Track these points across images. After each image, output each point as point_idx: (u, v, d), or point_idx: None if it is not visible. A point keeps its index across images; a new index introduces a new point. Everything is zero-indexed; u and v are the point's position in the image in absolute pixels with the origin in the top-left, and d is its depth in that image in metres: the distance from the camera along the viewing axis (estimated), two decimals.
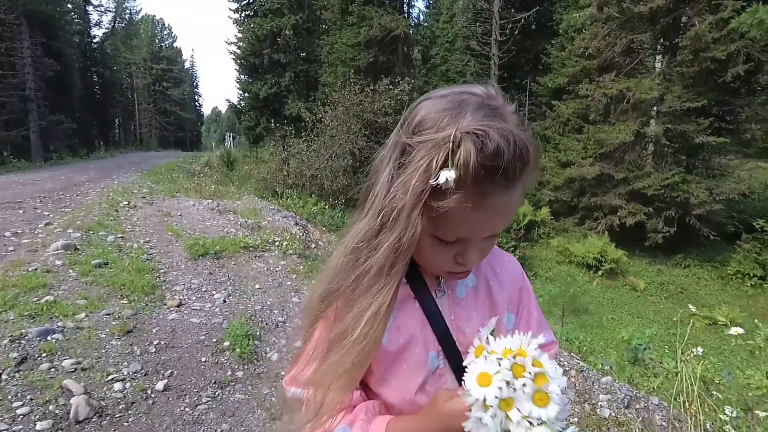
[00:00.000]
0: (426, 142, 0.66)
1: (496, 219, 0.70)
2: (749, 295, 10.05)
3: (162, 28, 54.12)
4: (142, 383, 2.86)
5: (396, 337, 0.81)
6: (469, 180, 0.63)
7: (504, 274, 0.94)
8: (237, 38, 25.23)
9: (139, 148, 38.39)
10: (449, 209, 0.65)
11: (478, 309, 0.87)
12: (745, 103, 12.12)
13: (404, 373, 0.81)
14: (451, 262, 0.75)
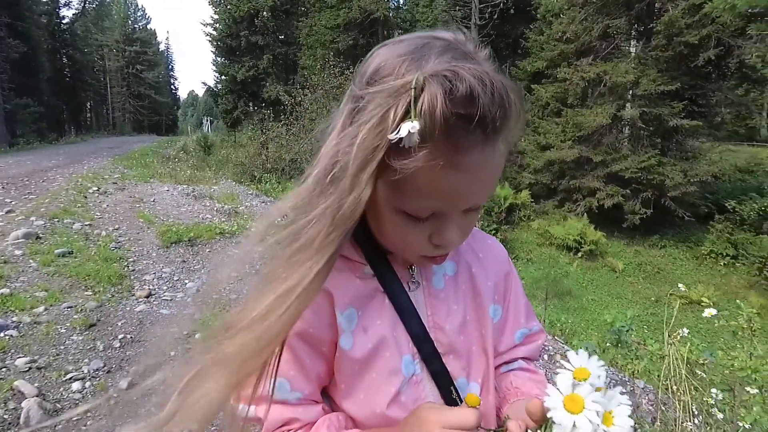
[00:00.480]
0: (381, 91, 0.53)
1: (476, 184, 0.56)
2: (722, 274, 10.29)
3: (135, 9, 52.59)
4: (103, 382, 2.70)
5: (363, 342, 0.67)
6: (437, 131, 0.50)
7: (489, 259, 0.80)
8: (213, 19, 24.63)
9: (112, 133, 37.42)
10: (416, 171, 0.52)
11: (459, 301, 0.74)
12: (716, 88, 12.32)
13: (374, 383, 0.67)
14: (426, 243, 0.61)
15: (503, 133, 0.55)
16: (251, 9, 22.49)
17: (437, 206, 0.57)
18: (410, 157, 0.52)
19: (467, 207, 0.60)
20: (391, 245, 0.67)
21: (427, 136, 0.50)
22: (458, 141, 0.52)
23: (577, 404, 0.53)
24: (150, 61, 51.71)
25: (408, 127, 0.49)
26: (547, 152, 13.11)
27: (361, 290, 0.69)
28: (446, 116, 0.49)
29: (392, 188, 0.56)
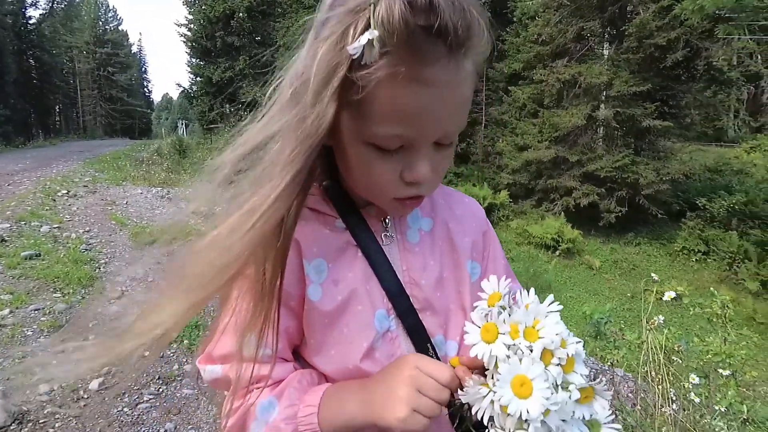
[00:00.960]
0: (342, 11, 0.52)
1: (442, 105, 0.54)
2: (695, 270, 10.54)
3: (106, 10, 51.53)
4: (73, 384, 2.61)
5: (333, 294, 0.64)
6: (396, 39, 0.48)
7: (466, 216, 0.78)
8: (188, 20, 24.24)
9: (82, 137, 36.50)
10: (380, 85, 0.51)
11: (436, 256, 0.71)
12: (686, 89, 12.63)
13: (345, 337, 0.64)
14: (398, 182, 0.59)
15: (468, 50, 0.53)
16: (227, 10, 22.23)
17: (405, 132, 0.55)
18: (372, 67, 0.50)
19: (437, 136, 0.57)
20: (361, 187, 0.64)
21: (387, 44, 0.49)
22: (419, 50, 0.50)
23: (491, 332, 0.51)
24: (122, 63, 50.73)
25: (367, 36, 0.48)
26: (525, 153, 13.26)
27: (331, 242, 0.66)
28: (405, 23, 0.48)
29: (358, 115, 0.54)
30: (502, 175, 14.06)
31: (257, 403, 0.62)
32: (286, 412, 0.60)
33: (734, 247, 10.22)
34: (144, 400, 2.59)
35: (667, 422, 1.99)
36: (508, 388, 0.48)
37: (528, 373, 0.48)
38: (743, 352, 2.23)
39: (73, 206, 7.03)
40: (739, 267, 9.90)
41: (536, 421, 0.47)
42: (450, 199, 0.79)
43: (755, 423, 3.05)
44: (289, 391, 0.62)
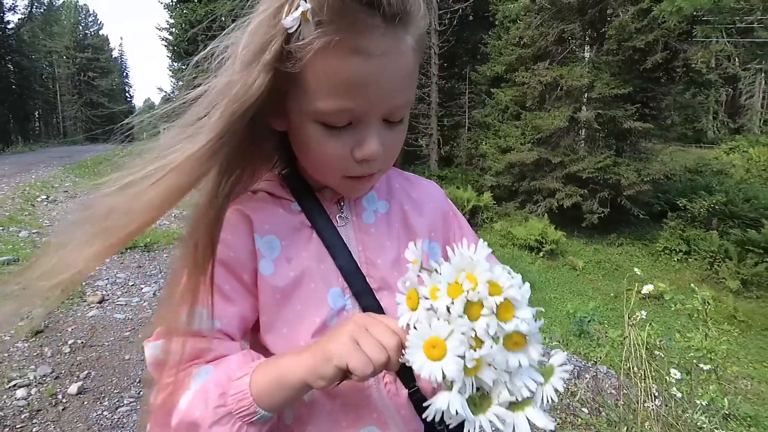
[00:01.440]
0: None
1: (385, 77, 0.54)
2: (676, 269, 10.67)
3: (86, 15, 50.91)
4: (51, 388, 2.55)
5: (285, 270, 0.63)
6: (327, 8, 0.49)
7: (422, 197, 0.78)
8: (169, 24, 24.06)
9: (63, 142, 35.94)
10: (317, 57, 0.51)
11: (393, 237, 0.71)
12: (665, 91, 12.80)
13: (297, 314, 0.63)
14: (349, 159, 0.59)
15: (407, 22, 0.54)
16: (209, 13, 22.09)
17: (349, 105, 0.55)
18: (307, 39, 0.51)
19: (383, 110, 0.57)
20: (314, 167, 0.64)
21: (319, 15, 0.50)
22: (354, 21, 0.50)
23: (413, 299, 0.49)
24: (103, 68, 50.19)
25: (300, 8, 0.49)
26: (508, 155, 13.33)
27: (286, 222, 0.66)
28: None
29: (301, 90, 0.55)
30: (486, 178, 14.12)
31: (193, 372, 0.57)
32: (219, 377, 0.56)
33: (715, 247, 10.36)
34: (124, 403, 2.55)
35: (650, 417, 2.00)
36: (420, 353, 0.46)
37: (439, 334, 0.45)
38: (724, 347, 2.25)
39: (52, 212, 6.92)
40: (719, 266, 10.03)
41: (459, 381, 0.44)
42: (407, 183, 0.79)
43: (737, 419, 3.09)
44: (230, 360, 0.58)
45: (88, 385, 2.67)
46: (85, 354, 2.99)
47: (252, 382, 0.54)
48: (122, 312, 3.66)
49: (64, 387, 2.61)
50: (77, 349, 3.03)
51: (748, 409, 3.41)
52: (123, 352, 3.07)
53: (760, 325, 7.79)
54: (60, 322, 3.37)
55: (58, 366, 2.82)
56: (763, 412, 3.76)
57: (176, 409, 0.55)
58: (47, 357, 2.90)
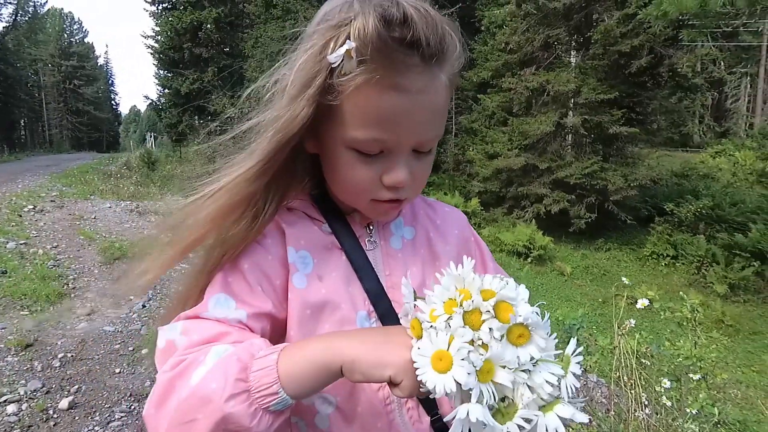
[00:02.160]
0: (324, 27, 0.57)
1: (418, 112, 0.58)
2: (664, 274, 10.75)
3: (71, 23, 50.59)
4: (42, 403, 2.51)
5: (317, 287, 0.65)
6: (371, 49, 0.53)
7: (446, 224, 0.80)
8: (154, 31, 23.93)
9: (49, 151, 35.57)
10: (357, 90, 0.55)
11: (418, 263, 0.73)
12: (651, 96, 12.92)
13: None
14: (377, 184, 0.62)
15: (442, 61, 0.58)
16: (194, 21, 22.02)
17: (383, 136, 0.58)
18: (350, 75, 0.55)
19: (414, 141, 0.61)
20: (344, 190, 0.67)
21: (364, 54, 0.54)
22: (394, 60, 0.54)
23: (416, 329, 0.49)
24: (88, 76, 49.83)
25: (345, 47, 0.53)
26: (495, 161, 13.36)
27: (318, 240, 0.69)
28: (380, 35, 0.53)
29: (338, 119, 0.59)
30: (473, 183, 14.15)
31: (211, 349, 0.53)
32: (241, 353, 0.52)
33: (702, 251, 10.43)
34: (116, 418, 2.51)
35: (641, 427, 2.01)
36: (429, 370, 0.45)
37: (441, 346, 0.45)
38: (713, 355, 2.27)
39: (39, 222, 6.83)
40: (707, 270, 10.08)
41: (475, 387, 0.43)
42: (431, 211, 0.81)
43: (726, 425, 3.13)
44: (251, 341, 0.55)
45: (79, 399, 2.64)
46: (76, 368, 2.95)
47: (280, 359, 0.50)
48: (112, 324, 3.62)
49: (55, 402, 2.57)
50: (67, 362, 3.00)
51: (736, 415, 3.45)
52: (113, 366, 3.03)
53: (748, 329, 7.88)
54: (49, 335, 3.33)
55: (49, 380, 2.78)
56: (752, 416, 3.80)
57: (185, 384, 0.50)
58: (37, 371, 2.86)
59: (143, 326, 3.62)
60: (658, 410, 2.07)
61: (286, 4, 17.50)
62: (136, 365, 3.06)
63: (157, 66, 24.61)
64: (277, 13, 18.04)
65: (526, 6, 12.76)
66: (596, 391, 2.79)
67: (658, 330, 6.45)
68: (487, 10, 15.55)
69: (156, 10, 24.42)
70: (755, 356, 6.70)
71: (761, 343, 7.37)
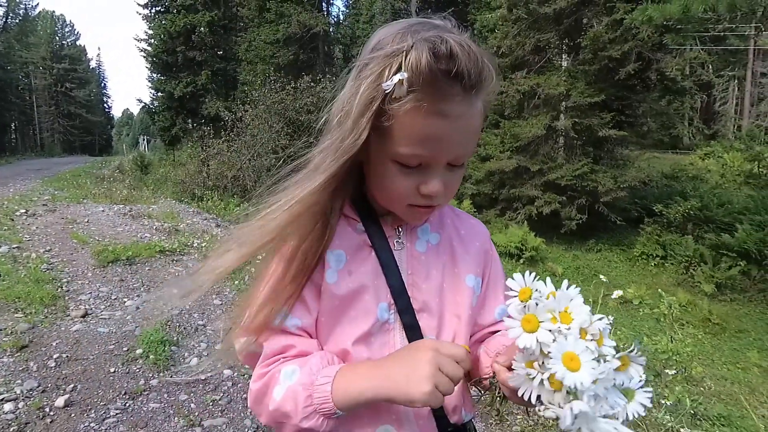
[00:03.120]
0: (380, 55, 0.66)
1: (456, 134, 0.67)
2: (653, 274, 10.88)
3: (63, 25, 50.32)
4: (38, 401, 2.57)
5: (346, 282, 0.75)
6: (422, 80, 0.62)
7: (469, 235, 0.89)
8: (147, 35, 23.90)
9: (40, 155, 35.33)
10: (406, 114, 0.64)
11: (438, 267, 0.82)
12: (641, 99, 13.09)
13: (350, 318, 0.75)
14: (414, 192, 0.71)
15: (480, 91, 0.67)
16: (187, 24, 22.03)
17: (423, 153, 0.68)
18: (401, 101, 0.63)
19: (449, 158, 0.70)
20: (384, 196, 0.76)
21: (414, 83, 0.62)
22: (440, 90, 0.63)
23: (532, 323, 0.59)
24: (80, 79, 49.57)
25: (398, 76, 0.62)
26: (488, 163, 13.48)
27: (352, 240, 0.78)
28: (430, 68, 0.61)
29: (387, 137, 0.67)
30: (467, 186, 14.24)
31: (281, 369, 0.71)
32: (305, 379, 0.68)
33: (690, 251, 10.56)
34: (110, 415, 2.57)
35: None
36: (560, 364, 0.55)
37: (575, 350, 0.55)
38: (689, 349, 2.35)
39: (32, 226, 6.83)
40: (695, 270, 10.21)
41: (589, 390, 0.54)
42: (457, 220, 0.90)
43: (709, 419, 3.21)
44: (311, 363, 0.70)
45: (75, 397, 2.69)
46: (71, 368, 3.00)
47: (333, 390, 0.66)
48: (106, 326, 3.67)
49: (51, 400, 2.62)
50: (62, 363, 3.04)
51: (720, 409, 3.54)
52: (108, 365, 3.08)
53: (734, 327, 8.01)
54: (44, 337, 3.37)
55: (44, 380, 2.82)
56: (736, 412, 3.90)
57: (271, 399, 0.70)
58: (33, 371, 2.90)
59: (137, 327, 3.67)
60: None
61: (279, 7, 17.56)
62: (131, 365, 3.11)
63: (150, 69, 24.59)
64: (270, 16, 18.10)
65: (517, 10, 12.91)
66: None
67: (638, 326, 6.56)
68: (480, 14, 15.72)
69: (149, 13, 24.42)
70: (740, 354, 6.82)
71: (746, 340, 7.50)
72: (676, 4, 6.91)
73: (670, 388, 2.29)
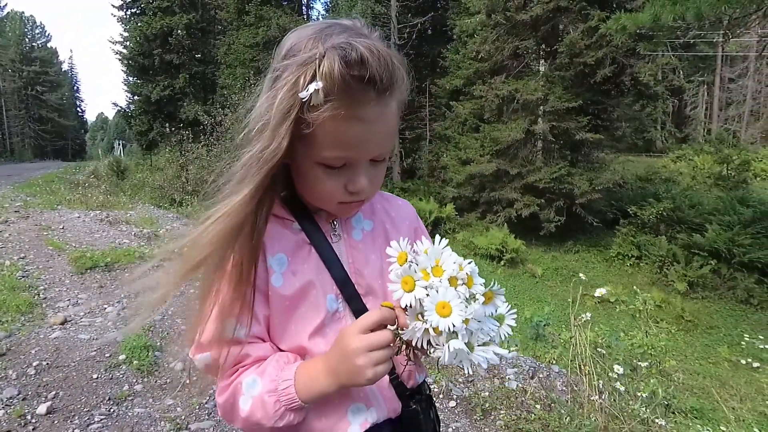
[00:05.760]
0: (293, 62, 0.67)
1: (374, 135, 0.71)
2: (629, 274, 11.14)
3: (33, 26, 49.13)
4: (19, 409, 2.53)
5: (292, 282, 0.78)
6: (336, 88, 0.64)
7: (399, 217, 0.95)
8: (123, 37, 23.54)
9: (9, 160, 34.42)
10: (325, 122, 0.66)
11: (377, 251, 0.87)
12: (615, 104, 13.44)
13: (302, 316, 0.79)
14: (342, 191, 0.75)
15: (393, 92, 0.70)
16: (164, 27, 21.78)
17: (347, 155, 0.72)
18: (318, 110, 0.66)
19: (371, 156, 0.74)
20: (314, 197, 0.80)
21: (329, 92, 0.64)
22: (355, 96, 0.66)
23: (409, 283, 0.69)
24: (52, 82, 48.44)
25: (314, 86, 0.64)
26: (468, 166, 13.63)
27: (290, 241, 0.81)
28: (343, 76, 0.63)
29: (309, 143, 0.70)
30: (448, 189, 14.38)
31: (242, 380, 0.74)
32: (268, 386, 0.73)
33: (664, 251, 10.86)
34: (95, 421, 2.55)
35: (596, 410, 2.17)
36: (434, 313, 0.64)
37: (445, 298, 0.65)
38: (662, 344, 2.44)
39: (4, 233, 6.67)
40: (668, 269, 10.52)
41: (461, 329, 0.64)
42: (386, 204, 0.96)
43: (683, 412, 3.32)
44: (269, 369, 0.75)
45: (57, 404, 2.65)
46: (52, 375, 2.95)
47: (297, 390, 0.72)
48: (86, 332, 3.61)
49: (33, 408, 2.58)
50: (42, 370, 2.99)
51: (693, 403, 3.67)
52: (90, 372, 3.04)
53: (705, 324, 8.26)
54: (22, 345, 3.31)
55: (25, 387, 2.78)
56: (708, 405, 4.04)
57: (239, 409, 0.74)
58: (12, 379, 2.85)
59: (119, 334, 3.63)
60: (612, 395, 2.23)
61: (258, 11, 17.49)
62: (114, 371, 3.08)
63: (126, 72, 24.19)
64: (249, 20, 18.01)
65: (495, 16, 13.11)
66: (557, 380, 2.96)
67: (615, 323, 6.74)
68: (459, 19, 15.86)
69: (124, 15, 24.07)
70: (711, 349, 7.04)
71: (716, 336, 7.74)
72: (647, 13, 7.16)
73: (645, 381, 2.37)
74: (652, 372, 2.26)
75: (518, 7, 12.54)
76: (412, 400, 0.86)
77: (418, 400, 0.87)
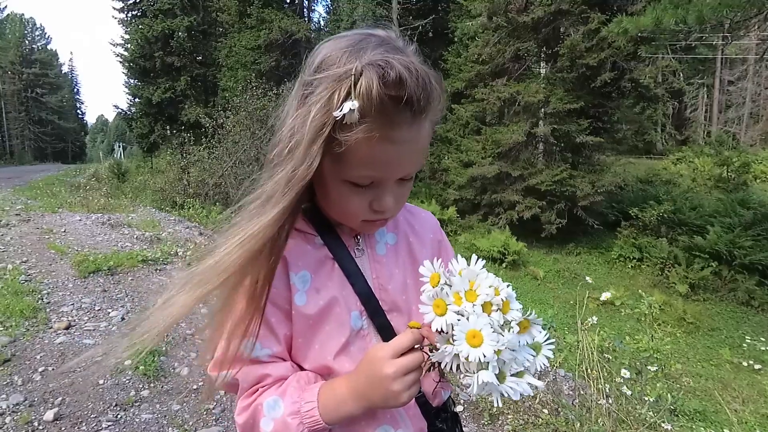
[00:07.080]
0: (327, 77, 0.65)
1: (406, 156, 0.70)
2: (630, 276, 11.13)
3: (33, 29, 49.22)
4: (26, 415, 2.53)
5: (315, 300, 0.77)
6: (373, 109, 0.62)
7: (423, 230, 0.93)
8: (124, 39, 23.58)
9: (9, 162, 34.49)
10: (357, 142, 0.64)
11: (400, 266, 0.86)
12: (616, 106, 13.43)
13: (326, 335, 0.77)
14: (367, 209, 0.74)
15: (428, 113, 0.68)
16: (166, 29, 21.81)
17: (375, 175, 0.70)
18: (352, 131, 0.63)
19: (399, 176, 0.73)
20: (337, 213, 0.78)
21: (365, 113, 0.62)
22: (390, 117, 0.64)
23: (441, 307, 0.66)
24: (52, 84, 48.52)
25: (349, 105, 0.61)
26: (470, 169, 13.62)
27: (313, 257, 0.79)
28: (380, 97, 0.61)
29: (338, 161, 0.68)
30: (449, 192, 14.38)
31: (263, 401, 0.73)
32: (291, 408, 0.71)
33: (665, 253, 10.83)
34: (102, 427, 2.55)
35: (603, 414, 2.18)
36: (464, 342, 0.62)
37: (476, 327, 0.62)
38: (668, 347, 2.44)
39: (6, 236, 6.68)
40: (669, 271, 10.48)
41: (493, 360, 0.61)
42: (410, 216, 0.94)
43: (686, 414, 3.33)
44: (290, 390, 0.73)
45: (64, 411, 2.65)
46: (57, 380, 2.95)
47: (321, 413, 0.70)
48: (91, 337, 3.62)
49: (40, 414, 2.58)
50: (48, 376, 3.01)
51: (696, 405, 3.67)
52: (96, 377, 3.05)
53: (707, 326, 8.25)
54: (27, 350, 3.31)
55: (31, 394, 2.78)
56: (710, 407, 4.05)
57: (260, 431, 0.72)
58: (18, 385, 2.86)
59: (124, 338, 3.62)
60: (619, 399, 2.24)
61: (260, 13, 17.51)
62: (120, 376, 3.08)
63: (126, 75, 24.25)
64: (251, 22, 18.03)
65: (496, 19, 13.11)
66: (564, 384, 2.96)
67: (620, 327, 6.73)
68: (460, 22, 15.87)
69: (125, 18, 24.11)
70: (713, 351, 7.04)
71: (718, 338, 7.75)
72: (649, 16, 7.19)
73: (651, 385, 2.38)
74: (659, 376, 2.26)
75: (519, 10, 12.55)
76: (437, 419, 0.85)
77: (444, 419, 0.86)
